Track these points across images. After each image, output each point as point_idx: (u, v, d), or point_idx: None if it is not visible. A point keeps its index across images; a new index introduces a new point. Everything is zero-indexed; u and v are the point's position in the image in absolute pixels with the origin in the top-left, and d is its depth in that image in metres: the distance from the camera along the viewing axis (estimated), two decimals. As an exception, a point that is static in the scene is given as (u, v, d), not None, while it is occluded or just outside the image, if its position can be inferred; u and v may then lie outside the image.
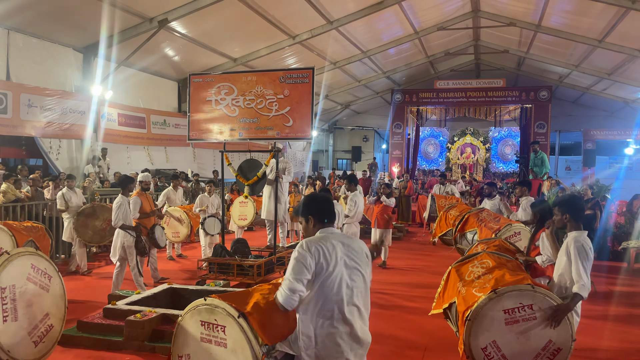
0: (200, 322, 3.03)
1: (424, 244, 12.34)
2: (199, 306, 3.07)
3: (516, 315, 3.42)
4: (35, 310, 3.70)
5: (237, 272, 7.64)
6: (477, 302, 3.51)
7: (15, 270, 3.62)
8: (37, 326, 3.69)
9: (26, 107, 11.25)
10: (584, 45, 16.35)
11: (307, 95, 7.47)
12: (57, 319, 3.95)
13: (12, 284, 3.54)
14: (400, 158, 23.57)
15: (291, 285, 2.73)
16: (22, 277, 3.68)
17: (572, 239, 3.66)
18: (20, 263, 3.72)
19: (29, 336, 3.59)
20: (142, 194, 7.72)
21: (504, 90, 22.34)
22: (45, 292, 3.84)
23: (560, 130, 25.52)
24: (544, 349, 3.39)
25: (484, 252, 4.46)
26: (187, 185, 13.59)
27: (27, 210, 9.14)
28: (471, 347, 3.47)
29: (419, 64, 22.21)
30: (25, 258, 3.79)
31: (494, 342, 3.43)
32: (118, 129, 14.37)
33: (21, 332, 3.53)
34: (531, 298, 3.44)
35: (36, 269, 3.80)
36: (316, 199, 3.12)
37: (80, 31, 12.37)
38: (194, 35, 14.08)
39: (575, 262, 3.54)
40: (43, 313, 3.78)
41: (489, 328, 3.44)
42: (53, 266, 4.04)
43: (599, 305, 7.07)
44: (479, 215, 7.44)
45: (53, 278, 3.96)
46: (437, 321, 5.79)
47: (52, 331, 3.86)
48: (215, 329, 2.97)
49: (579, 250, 3.56)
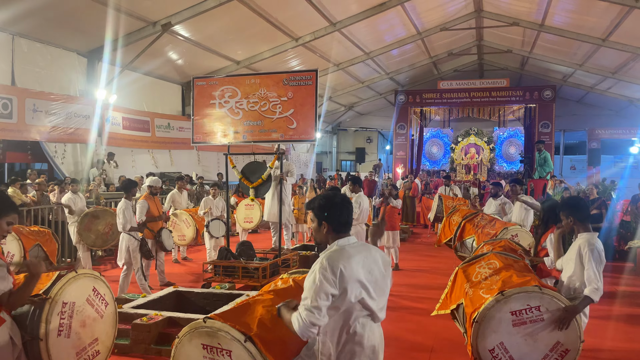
0: (201, 345, 2.85)
1: (429, 244, 12.32)
2: (198, 328, 2.88)
3: (523, 316, 3.41)
4: (87, 332, 3.74)
5: (243, 275, 7.65)
6: (484, 304, 3.50)
7: (79, 289, 3.69)
8: (85, 349, 3.72)
9: (31, 112, 11.30)
10: (587, 44, 16.28)
11: (311, 97, 7.48)
12: (105, 346, 3.98)
13: (72, 301, 3.62)
14: (404, 159, 23.54)
15: (311, 316, 2.45)
16: (82, 297, 3.75)
17: (584, 241, 3.63)
18: (84, 284, 3.79)
19: (76, 356, 3.63)
20: (149, 197, 7.74)
21: (508, 90, 22.28)
22: (99, 317, 3.88)
23: (565, 130, 25.44)
24: (552, 350, 3.37)
25: (491, 252, 4.44)
26: (191, 188, 13.62)
27: (33, 215, 9.18)
28: (479, 349, 3.46)
29: (422, 64, 22.18)
30: (90, 280, 3.86)
31: (501, 343, 3.41)
32: (122, 132, 14.42)
33: (70, 350, 3.57)
34: (539, 299, 3.43)
35: (96, 293, 3.87)
36: (334, 203, 2.72)
37: (84, 36, 12.42)
38: (197, 39, 14.11)
39: (589, 265, 3.52)
40: (93, 337, 3.81)
41: (497, 330, 3.43)
42: (111, 294, 4.09)
43: (604, 305, 7.03)
44: (473, 221, 7.40)
45: (109, 306, 4.02)
46: (443, 322, 5.79)
47: (97, 358, 3.89)
48: (220, 353, 2.78)
49: (592, 252, 3.55)
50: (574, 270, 3.69)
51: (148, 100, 15.88)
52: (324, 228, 2.68)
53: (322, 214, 2.68)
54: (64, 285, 3.56)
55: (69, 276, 3.65)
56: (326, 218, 2.67)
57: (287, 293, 3.17)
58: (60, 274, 3.71)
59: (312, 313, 2.44)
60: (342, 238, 2.67)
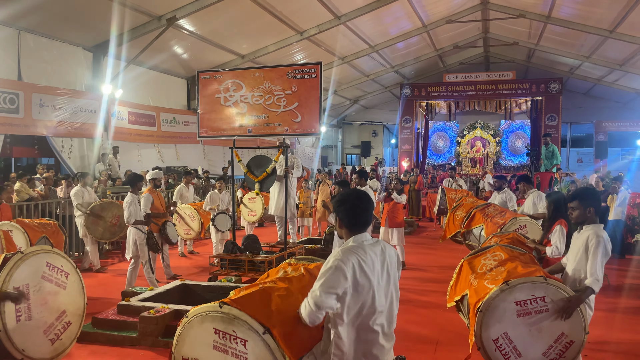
0: (213, 330, 2.80)
1: (434, 238, 12.31)
2: (212, 312, 2.82)
3: (528, 307, 3.41)
4: (50, 309, 3.68)
5: (249, 268, 7.69)
6: (489, 294, 3.50)
7: (29, 269, 3.61)
8: (53, 324, 3.68)
9: (38, 107, 11.36)
10: (594, 36, 16.15)
11: (315, 90, 7.47)
12: (76, 315, 3.94)
13: (25, 284, 3.53)
14: (409, 152, 23.49)
15: (318, 300, 2.49)
16: (36, 276, 3.67)
17: (592, 232, 3.62)
18: (34, 262, 3.71)
19: (44, 334, 3.57)
20: (153, 191, 7.78)
21: (514, 82, 22.14)
22: (61, 290, 3.83)
23: (572, 123, 25.29)
24: (556, 342, 3.38)
25: (496, 245, 4.45)
26: (197, 182, 13.66)
27: (40, 209, 9.25)
28: (482, 339, 3.46)
29: (427, 57, 22.08)
30: (40, 257, 3.78)
31: (505, 333, 3.42)
32: (128, 127, 14.47)
33: (36, 330, 3.51)
34: (543, 290, 3.43)
35: (52, 267, 3.79)
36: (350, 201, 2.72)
37: (90, 30, 12.45)
38: (202, 33, 14.12)
39: (594, 257, 3.52)
40: (59, 311, 3.77)
41: (501, 319, 3.43)
42: (70, 263, 4.02)
43: (611, 298, 7.03)
44: (485, 211, 7.39)
45: (70, 275, 3.95)
46: (448, 315, 5.80)
47: (70, 328, 3.85)
48: (234, 340, 2.73)
49: (599, 245, 3.54)
50: (580, 261, 3.68)
51: (153, 95, 15.91)
52: (341, 225, 2.72)
53: (338, 212, 2.73)
54: (10, 270, 3.46)
55: (15, 259, 3.53)
56: (341, 215, 2.71)
57: (301, 282, 3.17)
58: (5, 257, 3.60)
59: (319, 296, 2.48)
60: (359, 235, 2.68)
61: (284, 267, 3.53)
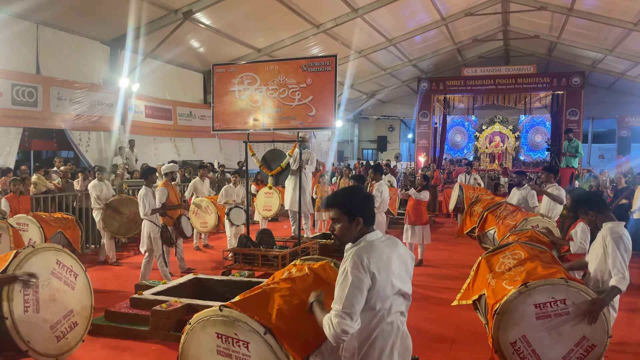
0: (215, 334, 2.74)
1: (451, 234, 12.15)
2: (212, 316, 2.77)
3: (548, 310, 3.28)
4: (58, 305, 3.68)
5: (262, 263, 7.65)
6: (507, 296, 3.38)
7: (39, 263, 3.61)
8: (60, 321, 3.67)
9: (56, 100, 11.45)
10: (618, 28, 15.74)
11: (330, 83, 7.36)
12: (82, 317, 3.93)
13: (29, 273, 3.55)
14: (426, 147, 23.25)
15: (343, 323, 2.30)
16: (45, 270, 3.67)
17: (607, 230, 3.50)
18: (45, 257, 3.72)
19: (51, 330, 3.56)
20: (168, 184, 7.77)
21: (535, 76, 21.72)
22: (69, 289, 3.82)
23: (594, 118, 24.76)
24: (577, 345, 3.25)
25: (516, 242, 4.31)
26: (213, 176, 13.67)
27: (57, 202, 9.32)
28: (500, 342, 3.35)
29: (445, 51, 21.77)
30: (51, 253, 3.79)
31: (523, 337, 3.30)
32: (145, 120, 14.54)
33: (42, 324, 3.50)
34: (564, 292, 3.30)
35: (61, 265, 3.79)
36: (369, 198, 2.60)
37: (107, 24, 12.50)
38: (218, 26, 14.08)
39: (614, 254, 3.38)
40: (67, 309, 3.76)
41: (519, 322, 3.31)
42: (80, 265, 4.02)
43: (632, 297, 6.81)
44: (496, 212, 7.22)
45: (79, 277, 3.95)
46: (464, 313, 5.68)
47: (76, 329, 3.84)
48: (236, 343, 2.67)
49: (616, 241, 3.40)
50: (600, 261, 3.54)
51: (170, 89, 15.96)
52: (357, 226, 2.53)
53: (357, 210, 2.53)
54: (21, 261, 3.48)
55: (26, 252, 3.56)
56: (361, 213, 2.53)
57: (304, 282, 3.09)
58: (17, 251, 3.62)
59: (344, 320, 2.32)
60: (371, 233, 2.55)
61: (289, 269, 3.48)
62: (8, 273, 3.37)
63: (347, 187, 2.76)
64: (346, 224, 2.53)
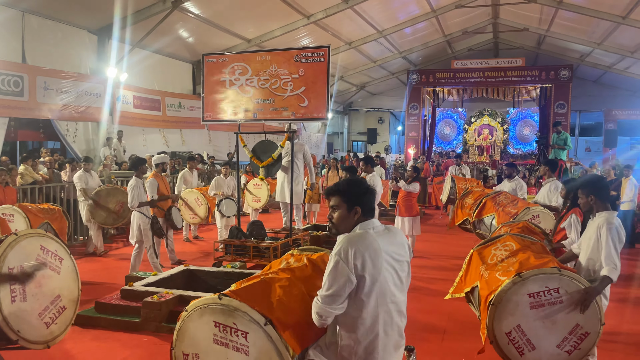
0: (213, 323, 2.70)
1: (441, 226, 12.21)
2: (211, 304, 2.72)
3: (541, 299, 3.30)
4: (45, 292, 3.65)
5: (254, 254, 7.62)
6: (501, 287, 3.39)
7: (23, 251, 3.57)
8: (47, 307, 3.64)
9: (42, 90, 11.27)
10: (607, 22, 15.86)
11: (323, 74, 7.31)
12: (70, 301, 3.89)
13: (19, 265, 3.50)
14: (416, 140, 23.31)
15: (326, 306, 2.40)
16: (30, 258, 3.62)
17: (603, 220, 3.52)
18: (28, 244, 3.66)
19: (39, 317, 3.54)
20: (158, 176, 7.69)
21: (523, 69, 21.85)
22: (55, 274, 3.78)
23: (581, 111, 24.98)
24: (571, 333, 3.28)
25: (507, 234, 4.33)
26: (202, 168, 13.58)
27: (44, 193, 9.20)
28: (495, 332, 3.37)
29: (435, 43, 21.79)
30: (34, 239, 3.73)
31: (518, 326, 3.32)
32: (133, 111, 14.38)
33: (31, 313, 3.48)
34: (557, 281, 3.32)
35: (46, 251, 3.74)
36: (370, 191, 2.62)
37: (94, 13, 12.30)
38: (207, 16, 13.93)
39: (607, 244, 3.41)
40: (54, 295, 3.72)
41: (513, 312, 3.33)
42: (64, 248, 3.96)
43: (621, 288, 6.90)
44: (496, 199, 7.23)
45: (64, 260, 3.90)
46: (455, 303, 5.69)
47: (65, 313, 3.80)
48: (234, 333, 2.64)
49: (611, 231, 3.43)
50: (593, 250, 3.57)
51: (159, 79, 15.79)
52: (355, 215, 2.56)
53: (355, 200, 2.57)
54: (4, 250, 3.42)
55: (9, 240, 3.48)
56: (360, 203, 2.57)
57: (303, 272, 3.07)
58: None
59: (327, 302, 2.40)
60: (368, 221, 2.56)
61: (287, 259, 3.45)
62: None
63: (349, 178, 2.78)
64: (344, 212, 2.57)
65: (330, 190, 2.64)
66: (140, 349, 4.95)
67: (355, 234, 2.50)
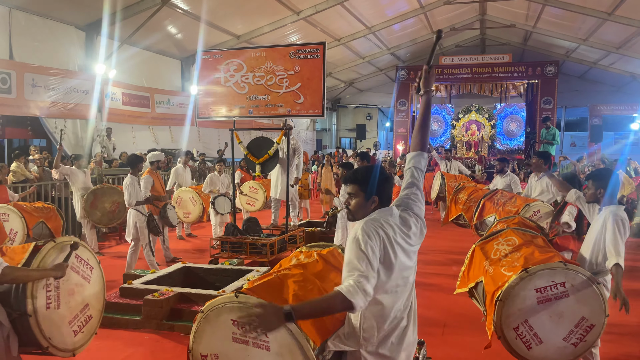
0: (231, 321, 2.69)
1: (433, 221, 12.30)
2: (228, 303, 2.71)
3: (548, 293, 3.36)
4: (76, 300, 3.65)
5: (250, 251, 7.62)
6: (508, 282, 3.44)
7: (59, 258, 3.56)
8: (77, 316, 3.64)
9: (30, 87, 11.09)
10: (592, 18, 16.06)
11: (319, 71, 7.33)
12: (96, 310, 3.90)
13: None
14: (405, 136, 23.40)
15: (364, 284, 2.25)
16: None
17: (610, 213, 3.60)
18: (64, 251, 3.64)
19: (69, 325, 3.54)
20: (153, 173, 7.65)
21: (510, 65, 22.03)
22: (86, 283, 3.78)
23: (566, 106, 25.29)
24: (577, 326, 3.34)
25: (508, 229, 4.38)
26: (193, 165, 13.50)
27: (36, 191, 9.08)
28: (503, 328, 3.41)
29: (423, 39, 21.88)
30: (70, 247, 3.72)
31: (525, 321, 3.37)
32: (122, 108, 14.22)
33: (62, 320, 3.48)
34: (564, 275, 3.38)
35: (79, 259, 3.75)
36: (388, 180, 2.61)
37: (82, 8, 12.14)
38: (196, 12, 13.82)
39: (614, 236, 3.50)
40: (84, 303, 3.72)
41: (521, 307, 3.38)
42: (95, 258, 3.98)
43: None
44: (493, 199, 7.28)
45: (94, 269, 3.91)
46: (454, 298, 5.76)
47: (91, 322, 3.81)
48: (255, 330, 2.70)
49: (618, 225, 3.52)
50: (598, 243, 3.65)
51: (148, 76, 15.64)
52: (372, 204, 2.55)
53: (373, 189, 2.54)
54: (44, 257, 3.41)
55: (48, 247, 3.49)
56: (379, 192, 2.55)
57: (315, 267, 3.09)
58: (37, 245, 3.55)
59: (364, 280, 2.27)
60: (384, 209, 2.56)
61: (297, 256, 3.46)
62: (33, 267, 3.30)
63: (369, 166, 2.74)
64: (362, 200, 2.56)
65: (349, 178, 2.62)
66: (142, 347, 4.94)
67: (373, 218, 2.49)
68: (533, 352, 3.37)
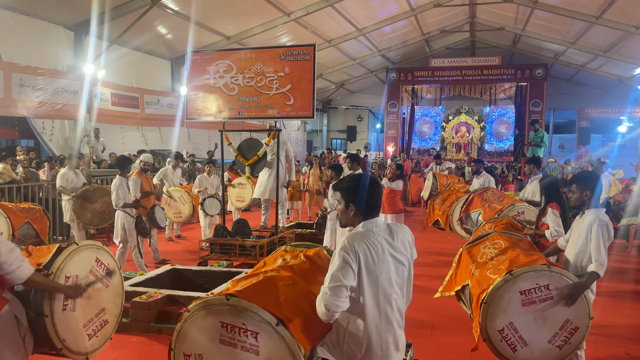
0: (220, 323, 2.67)
1: (422, 223, 12.34)
2: (217, 305, 2.69)
3: (533, 296, 3.39)
4: (92, 304, 3.66)
5: (239, 253, 7.61)
6: (493, 285, 3.47)
7: (81, 261, 3.59)
8: (92, 320, 3.64)
9: (18, 87, 11.00)
10: (581, 21, 16.21)
11: (309, 73, 7.33)
12: (113, 315, 3.89)
13: (75, 275, 3.52)
14: (395, 137, 23.47)
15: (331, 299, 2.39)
16: (85, 269, 3.64)
17: (595, 217, 3.63)
18: (87, 255, 3.68)
19: (83, 329, 3.54)
20: (142, 174, 7.61)
21: (500, 68, 22.17)
22: (104, 288, 3.78)
23: (555, 109, 25.51)
24: (562, 329, 3.38)
25: (495, 232, 4.42)
26: (183, 166, 13.45)
27: (22, 192, 9.00)
28: (488, 330, 3.44)
29: (414, 42, 21.97)
30: (92, 251, 3.75)
31: (510, 323, 3.40)
32: (111, 109, 14.13)
33: (77, 322, 3.49)
34: (547, 278, 3.42)
35: (100, 264, 3.76)
36: (364, 186, 2.62)
37: (71, 8, 12.06)
38: (187, 12, 13.77)
39: (597, 241, 3.53)
40: (100, 308, 3.72)
41: (506, 310, 3.41)
42: (116, 263, 3.98)
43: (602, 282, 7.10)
44: (483, 195, 7.39)
45: (114, 275, 3.91)
46: (442, 299, 5.76)
47: (106, 327, 3.80)
48: (243, 333, 2.62)
49: (602, 229, 3.55)
50: (582, 246, 3.68)
51: (137, 76, 15.55)
52: (351, 211, 2.64)
53: (349, 197, 2.63)
54: (65, 259, 3.45)
55: (70, 249, 3.53)
56: (354, 200, 2.62)
57: (302, 268, 3.09)
58: (60, 247, 3.60)
59: (332, 296, 2.41)
60: (369, 220, 2.62)
61: (282, 255, 3.45)
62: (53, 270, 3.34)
63: (356, 175, 2.81)
64: (342, 207, 2.69)
65: (334, 186, 2.81)
66: (129, 350, 4.91)
67: (358, 232, 2.57)
68: (518, 355, 3.40)
